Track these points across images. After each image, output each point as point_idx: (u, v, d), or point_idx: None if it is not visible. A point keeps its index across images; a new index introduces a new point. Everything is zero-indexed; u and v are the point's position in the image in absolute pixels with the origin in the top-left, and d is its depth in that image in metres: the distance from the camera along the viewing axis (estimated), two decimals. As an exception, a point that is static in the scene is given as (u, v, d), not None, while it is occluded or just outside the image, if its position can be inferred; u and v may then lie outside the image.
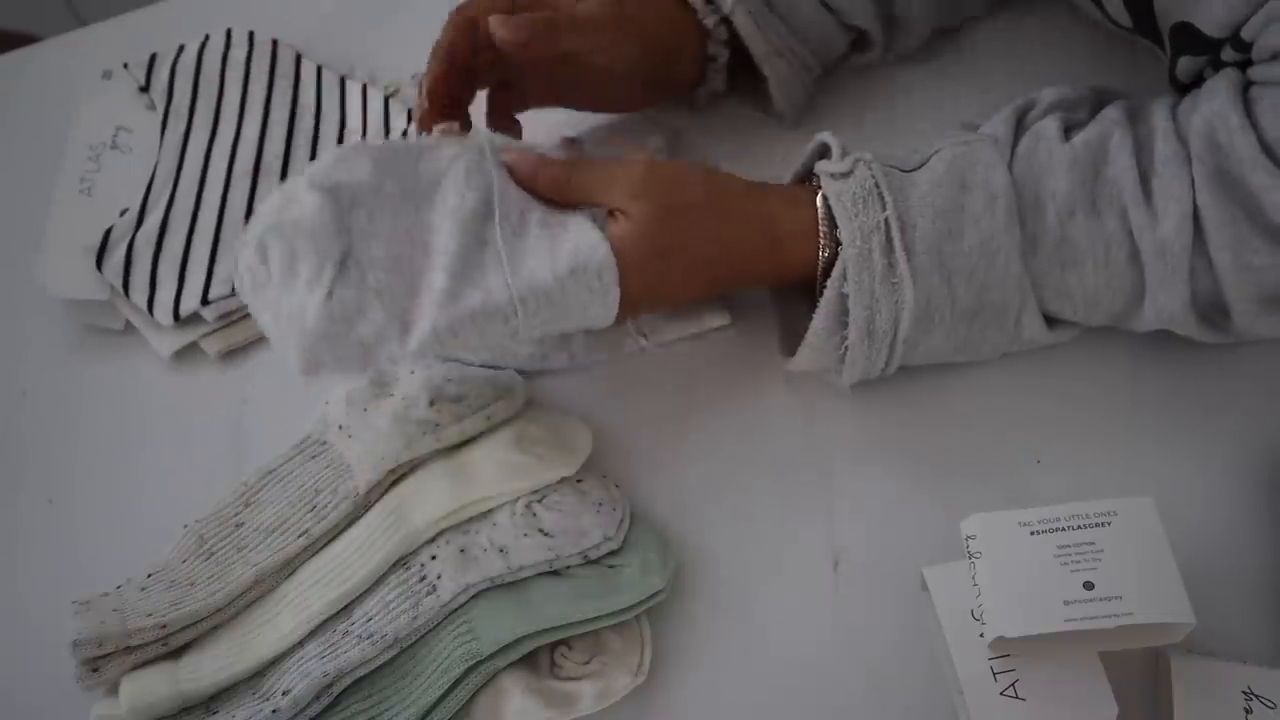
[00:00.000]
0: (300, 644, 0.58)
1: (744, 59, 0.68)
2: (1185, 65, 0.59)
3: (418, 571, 0.59)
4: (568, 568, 0.58)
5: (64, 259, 0.75)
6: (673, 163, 0.59)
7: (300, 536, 0.61)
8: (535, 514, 0.59)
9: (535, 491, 0.60)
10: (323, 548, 0.61)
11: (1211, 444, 0.60)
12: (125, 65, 0.84)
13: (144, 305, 0.72)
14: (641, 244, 0.56)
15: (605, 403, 0.66)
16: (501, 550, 0.58)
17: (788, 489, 0.62)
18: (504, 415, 0.64)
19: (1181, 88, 0.61)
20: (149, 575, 0.61)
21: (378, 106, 0.80)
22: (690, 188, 0.58)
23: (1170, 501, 0.52)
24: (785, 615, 0.58)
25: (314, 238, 0.54)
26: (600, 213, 0.57)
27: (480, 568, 0.58)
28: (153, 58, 0.84)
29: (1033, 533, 0.51)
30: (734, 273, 0.60)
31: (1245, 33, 0.54)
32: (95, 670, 0.58)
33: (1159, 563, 0.49)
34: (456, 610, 0.58)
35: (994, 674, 0.50)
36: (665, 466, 0.63)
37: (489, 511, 0.60)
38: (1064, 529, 0.51)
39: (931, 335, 0.58)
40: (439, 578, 0.58)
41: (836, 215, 0.56)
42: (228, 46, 0.84)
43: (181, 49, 0.84)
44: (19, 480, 0.70)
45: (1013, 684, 0.50)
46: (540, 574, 0.58)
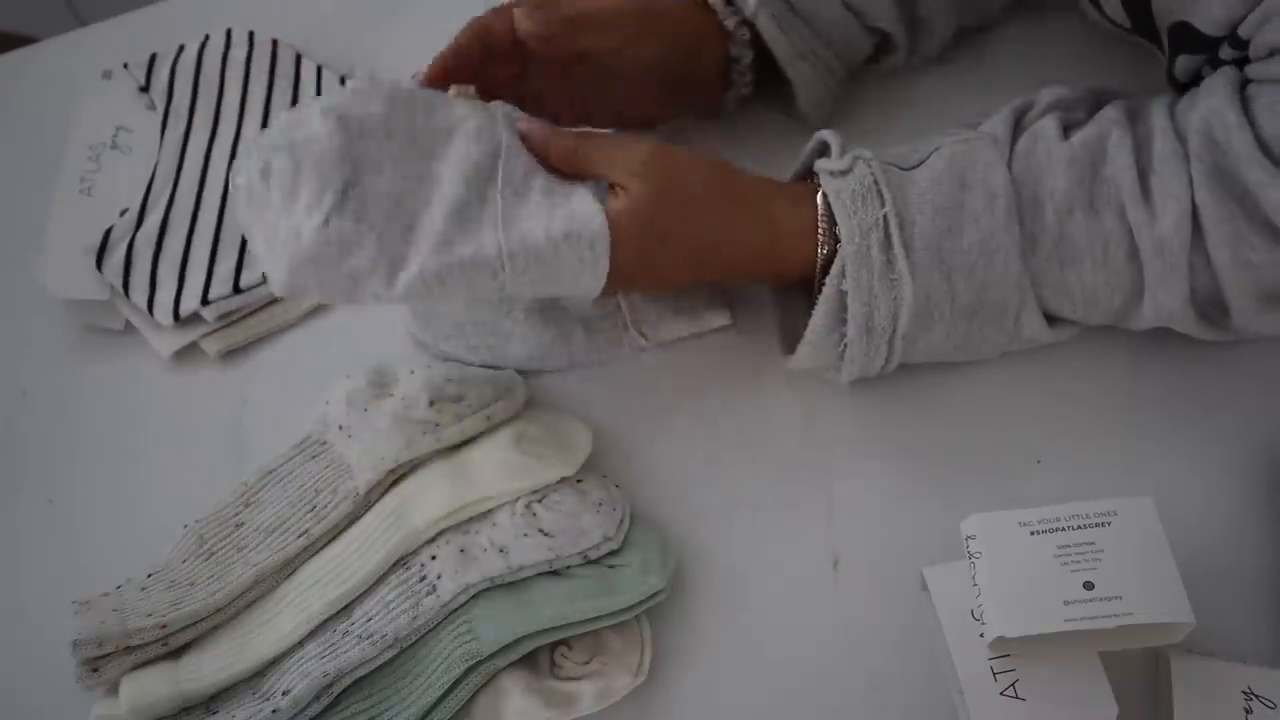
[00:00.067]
0: (300, 644, 0.58)
1: (767, 63, 0.68)
2: (1183, 64, 0.59)
3: (418, 571, 0.59)
4: (568, 568, 0.58)
5: (64, 259, 0.75)
6: (680, 148, 0.59)
7: (300, 536, 0.61)
8: (535, 514, 0.59)
9: (535, 491, 0.60)
10: (323, 548, 0.61)
11: (1211, 442, 0.60)
12: (125, 65, 0.84)
13: (144, 305, 0.72)
14: (637, 222, 0.56)
15: (605, 403, 0.66)
16: (501, 550, 0.58)
17: (788, 489, 0.62)
18: (504, 415, 0.64)
19: (1180, 87, 0.61)
20: (149, 575, 0.61)
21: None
22: (692, 174, 0.58)
23: (1170, 501, 0.52)
24: (785, 615, 0.58)
25: (319, 163, 0.54)
26: (604, 186, 0.58)
27: (480, 568, 0.58)
28: (153, 58, 0.84)
29: (1033, 533, 0.51)
30: (729, 264, 0.60)
31: (1242, 30, 0.54)
32: (95, 670, 0.58)
33: (1159, 563, 0.49)
34: (456, 610, 0.58)
35: (994, 674, 0.50)
36: (665, 466, 0.63)
37: (489, 511, 0.60)
38: (1064, 529, 0.51)
39: (931, 332, 0.58)
40: (439, 578, 0.58)
41: (835, 212, 0.56)
42: (228, 46, 0.84)
43: (181, 49, 0.84)
44: (19, 480, 0.70)
45: (1013, 684, 0.50)
46: (540, 574, 0.58)
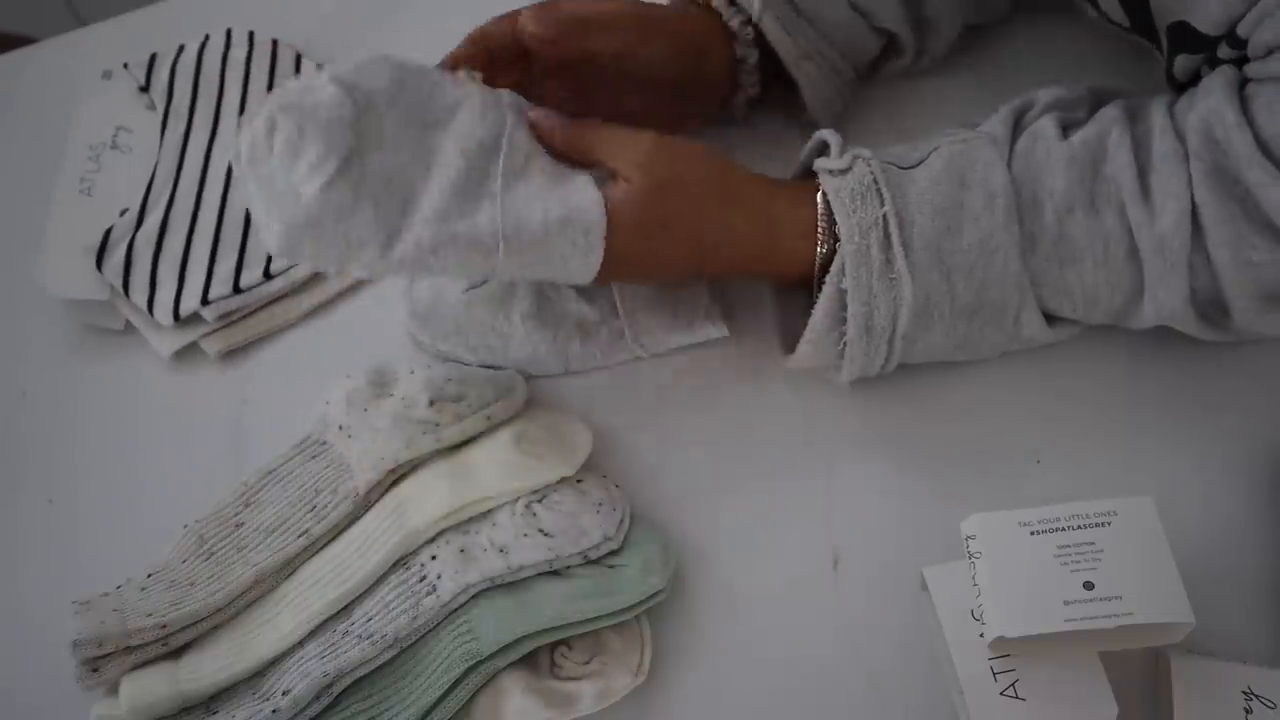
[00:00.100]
0: (300, 644, 0.58)
1: (774, 64, 0.68)
2: (1182, 64, 0.59)
3: (418, 571, 0.59)
4: (568, 568, 0.58)
5: (64, 259, 0.75)
6: (684, 141, 0.59)
7: (300, 536, 0.61)
8: (535, 514, 0.59)
9: (535, 491, 0.60)
10: (323, 548, 0.61)
11: (1211, 442, 0.60)
12: (125, 65, 0.84)
13: (144, 305, 0.72)
14: (634, 211, 0.56)
15: (605, 402, 0.66)
16: (501, 550, 0.58)
17: (788, 489, 0.62)
18: (504, 415, 0.64)
19: (1179, 87, 0.61)
20: (149, 575, 0.61)
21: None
22: (693, 167, 0.58)
23: (1170, 500, 0.52)
24: (785, 615, 0.58)
25: (326, 128, 0.54)
26: (606, 175, 0.58)
27: (480, 568, 0.58)
28: (153, 58, 0.84)
29: (1033, 533, 0.51)
30: (725, 260, 0.60)
31: (1240, 30, 0.54)
32: (95, 670, 0.58)
33: (1159, 563, 0.49)
34: (456, 610, 0.58)
35: (994, 674, 0.50)
36: (665, 466, 0.63)
37: (489, 511, 0.60)
38: (1064, 529, 0.51)
39: (930, 332, 0.58)
40: (439, 578, 0.58)
41: (835, 211, 0.56)
42: (228, 46, 0.84)
43: (181, 49, 0.84)
44: (19, 480, 0.70)
45: (1013, 684, 0.50)
46: (540, 574, 0.58)
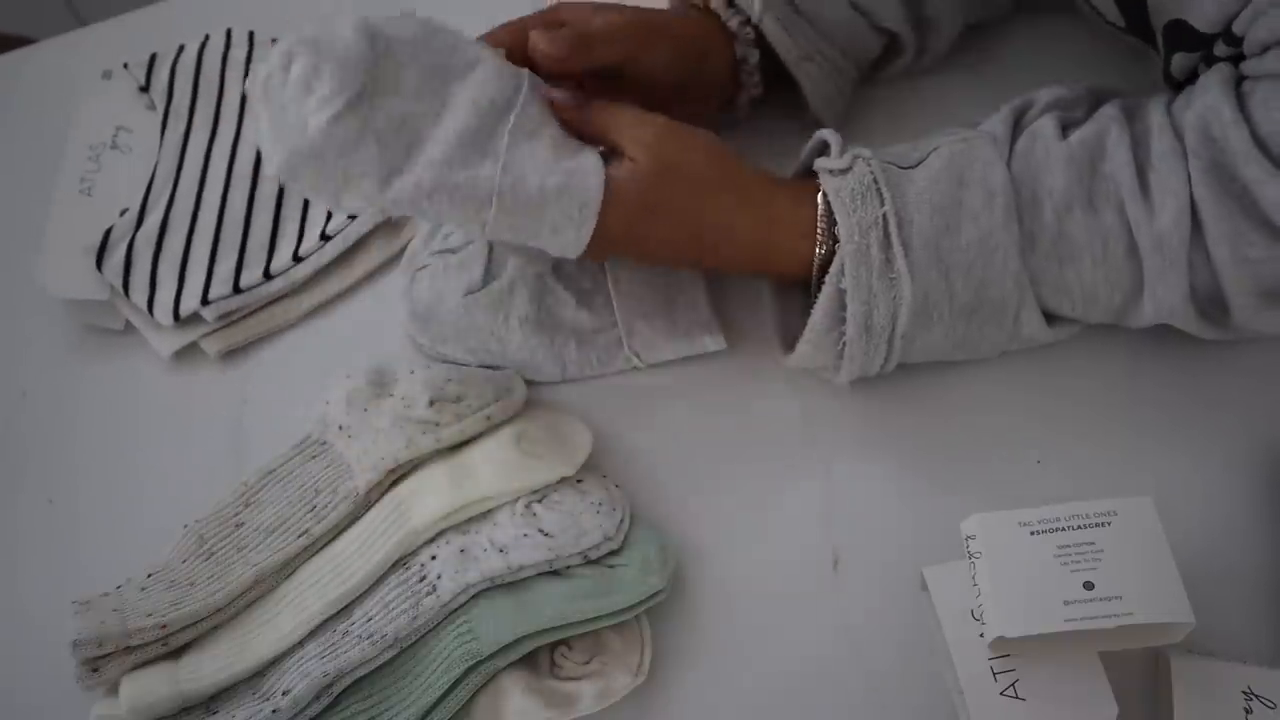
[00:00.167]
0: (300, 644, 0.58)
1: (776, 64, 0.68)
2: (1179, 62, 0.59)
3: (418, 571, 0.59)
4: (568, 568, 0.58)
5: (64, 259, 0.75)
6: (694, 130, 0.59)
7: (300, 536, 0.61)
8: (535, 514, 0.59)
9: (535, 491, 0.60)
10: (323, 548, 0.61)
11: (1212, 441, 0.60)
12: (125, 65, 0.84)
13: (144, 305, 0.72)
14: (632, 191, 0.57)
15: (605, 402, 0.66)
16: (501, 550, 0.58)
17: (787, 489, 0.62)
18: (504, 415, 0.64)
19: (1176, 85, 0.61)
20: (149, 575, 0.61)
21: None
22: (696, 155, 0.58)
23: (1170, 500, 0.52)
24: (785, 615, 0.58)
25: (341, 65, 0.55)
26: (615, 155, 0.58)
27: (480, 568, 0.58)
28: (153, 58, 0.84)
29: (1033, 533, 0.51)
30: (719, 253, 0.60)
31: (1236, 27, 0.54)
32: (95, 670, 0.58)
33: (1159, 562, 0.49)
34: (456, 610, 0.58)
35: (994, 674, 0.50)
36: (665, 466, 0.63)
37: (489, 511, 0.60)
38: (1064, 529, 0.50)
39: (930, 331, 0.58)
40: (439, 578, 0.58)
41: (835, 211, 0.56)
42: (228, 46, 0.84)
43: (181, 49, 0.84)
44: (19, 480, 0.70)
45: (1013, 684, 0.50)
46: (540, 574, 0.58)
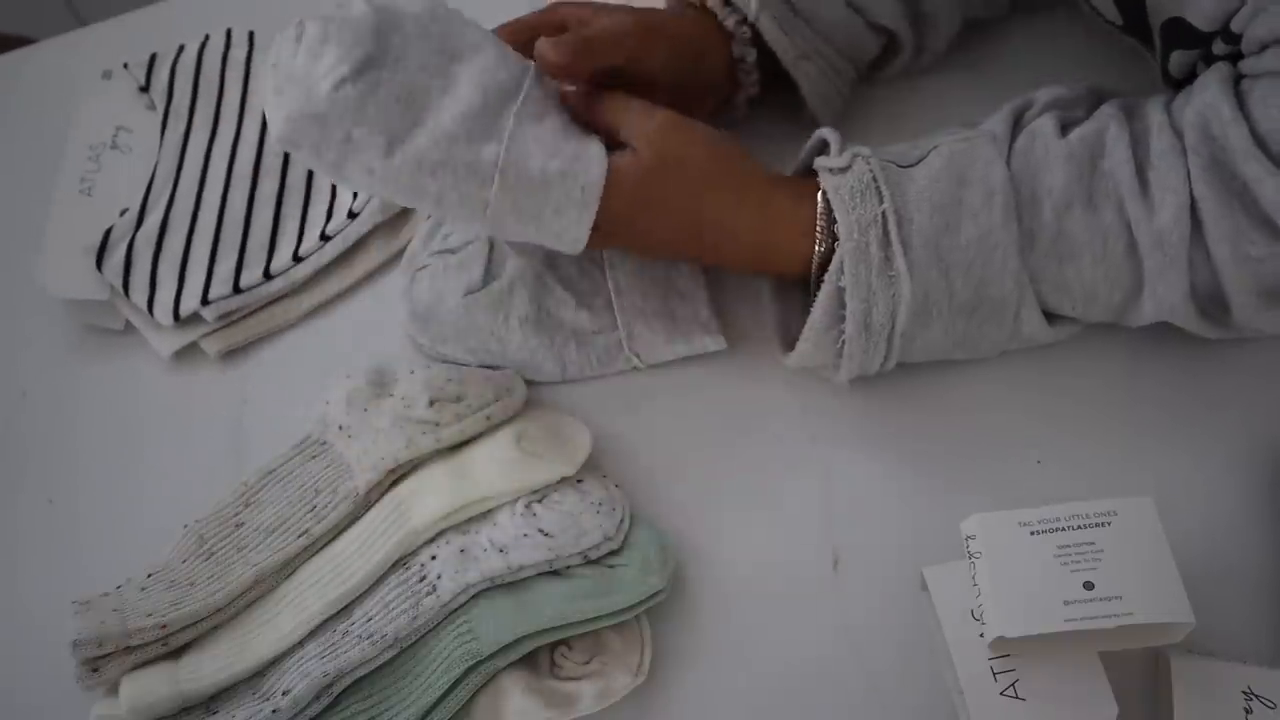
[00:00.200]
0: (300, 644, 0.58)
1: (774, 64, 0.68)
2: (1178, 60, 0.59)
3: (418, 571, 0.59)
4: (568, 568, 0.58)
5: (64, 259, 0.75)
6: (698, 125, 0.59)
7: (300, 536, 0.61)
8: (535, 514, 0.59)
9: (535, 491, 0.60)
10: (323, 548, 0.61)
11: (1212, 441, 0.60)
12: (125, 65, 0.84)
13: (144, 305, 0.72)
14: (632, 181, 0.57)
15: (605, 402, 0.66)
16: (501, 550, 0.58)
17: (787, 489, 0.62)
18: (504, 415, 0.64)
19: (1175, 84, 0.61)
20: (149, 575, 0.61)
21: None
22: (698, 149, 0.58)
23: (1170, 499, 0.52)
24: (785, 615, 0.58)
25: (350, 33, 0.55)
26: (619, 145, 0.58)
27: (480, 567, 0.58)
28: (153, 58, 0.84)
29: (1033, 533, 0.51)
30: (717, 249, 0.60)
31: (1235, 25, 0.54)
32: (95, 670, 0.58)
33: (1159, 562, 0.49)
34: (456, 610, 0.58)
35: (994, 674, 0.50)
36: (665, 466, 0.63)
37: (489, 511, 0.60)
38: (1064, 529, 0.50)
39: (929, 330, 0.58)
40: (439, 578, 0.58)
41: (834, 209, 0.56)
42: (228, 46, 0.84)
43: (181, 49, 0.84)
44: (19, 480, 0.70)
45: (1013, 684, 0.50)
46: (540, 574, 0.58)
